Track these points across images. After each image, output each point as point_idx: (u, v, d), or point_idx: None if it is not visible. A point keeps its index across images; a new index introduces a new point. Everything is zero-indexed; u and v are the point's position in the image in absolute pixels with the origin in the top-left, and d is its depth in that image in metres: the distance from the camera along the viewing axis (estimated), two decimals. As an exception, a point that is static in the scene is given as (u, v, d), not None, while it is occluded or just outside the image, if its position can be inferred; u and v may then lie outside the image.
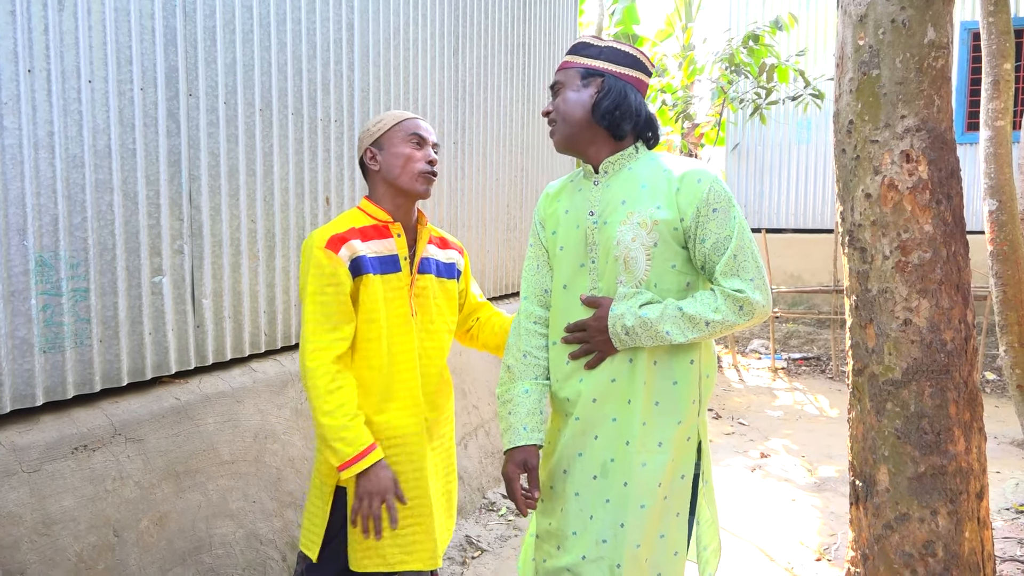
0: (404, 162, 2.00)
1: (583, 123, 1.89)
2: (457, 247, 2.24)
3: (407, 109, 3.95)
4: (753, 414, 6.25)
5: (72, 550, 2.19)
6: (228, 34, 2.83)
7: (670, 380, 1.84)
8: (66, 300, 2.31)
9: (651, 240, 1.79)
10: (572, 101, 1.89)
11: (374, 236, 2.01)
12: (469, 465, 4.00)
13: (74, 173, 2.32)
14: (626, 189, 1.85)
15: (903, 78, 2.34)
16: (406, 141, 2.02)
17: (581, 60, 1.92)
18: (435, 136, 2.08)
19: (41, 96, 2.22)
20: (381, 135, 2.04)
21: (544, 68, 5.71)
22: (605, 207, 1.87)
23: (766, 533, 3.79)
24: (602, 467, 1.85)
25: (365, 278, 1.95)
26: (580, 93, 1.88)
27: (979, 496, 2.42)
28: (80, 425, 2.32)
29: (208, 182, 2.77)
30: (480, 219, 4.84)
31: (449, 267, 2.16)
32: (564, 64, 1.95)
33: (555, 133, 1.94)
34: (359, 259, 1.95)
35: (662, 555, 1.85)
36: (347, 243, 1.94)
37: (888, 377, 2.39)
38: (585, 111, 1.88)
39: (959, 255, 2.38)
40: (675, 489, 1.86)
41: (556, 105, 1.92)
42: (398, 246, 2.02)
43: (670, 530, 1.86)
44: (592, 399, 1.86)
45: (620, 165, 1.90)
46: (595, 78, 1.89)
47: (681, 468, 1.86)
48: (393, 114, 2.07)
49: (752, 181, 9.32)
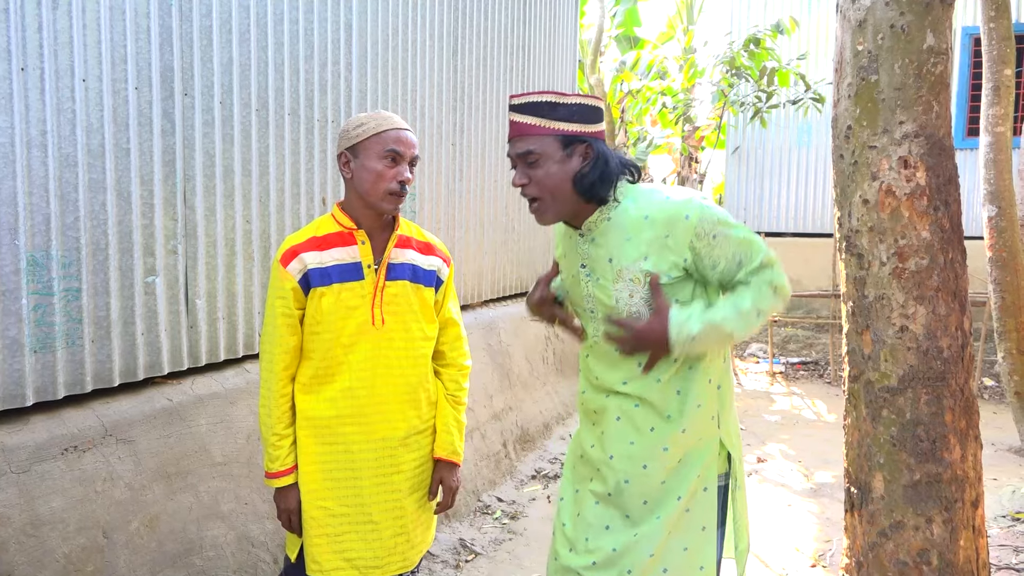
0: (375, 179, 1.93)
1: (573, 196, 1.74)
2: (443, 255, 2.16)
3: (406, 111, 3.94)
4: (750, 418, 6.24)
5: (60, 551, 2.18)
6: (224, 34, 2.82)
7: (695, 403, 1.80)
8: (58, 300, 2.30)
9: (647, 292, 1.76)
10: (558, 175, 1.71)
11: (337, 243, 1.98)
12: (464, 468, 3.98)
13: (67, 172, 2.31)
14: (610, 245, 1.78)
15: (902, 84, 2.32)
16: (381, 157, 1.93)
17: (556, 125, 1.71)
18: (416, 148, 2.00)
19: (34, 94, 2.21)
20: (358, 142, 1.95)
21: (544, 70, 5.70)
22: (595, 264, 1.82)
23: (762, 538, 3.78)
24: (616, 487, 1.83)
25: (315, 291, 1.95)
26: (565, 165, 1.72)
27: (974, 504, 2.41)
28: (70, 426, 2.31)
29: (203, 182, 2.76)
30: (478, 221, 4.82)
31: (429, 274, 2.09)
32: (532, 130, 1.71)
33: (543, 211, 1.75)
34: (309, 273, 1.95)
35: (687, 569, 1.81)
36: (298, 256, 1.95)
37: (884, 384, 2.38)
38: (571, 183, 1.73)
39: (956, 262, 2.37)
40: (698, 501, 1.82)
41: (536, 178, 1.72)
42: (362, 253, 1.98)
43: (694, 543, 1.82)
44: (616, 417, 1.84)
45: (600, 220, 1.79)
46: (577, 145, 1.72)
47: (704, 481, 1.83)
48: (375, 120, 1.96)
49: (752, 184, 9.30)
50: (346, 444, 2.00)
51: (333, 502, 2.00)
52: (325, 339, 1.97)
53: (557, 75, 5.95)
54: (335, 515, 2.00)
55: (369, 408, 1.99)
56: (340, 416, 1.99)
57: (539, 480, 4.47)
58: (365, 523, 2.01)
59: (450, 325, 2.19)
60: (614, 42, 13.36)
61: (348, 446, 2.00)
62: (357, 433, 2.00)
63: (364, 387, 1.99)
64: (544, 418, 5.29)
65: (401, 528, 2.05)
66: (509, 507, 4.03)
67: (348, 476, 2.01)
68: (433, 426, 2.15)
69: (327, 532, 2.00)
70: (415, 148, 1.99)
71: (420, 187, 4.13)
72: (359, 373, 1.98)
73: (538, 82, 5.62)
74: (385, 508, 2.03)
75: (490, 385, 4.62)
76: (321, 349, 1.97)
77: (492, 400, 4.59)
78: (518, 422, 4.85)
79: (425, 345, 2.09)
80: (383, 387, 2.00)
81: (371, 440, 2.01)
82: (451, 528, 3.67)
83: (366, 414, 1.99)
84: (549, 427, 5.32)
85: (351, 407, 1.98)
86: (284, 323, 1.96)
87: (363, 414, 1.99)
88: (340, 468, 2.00)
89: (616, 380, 1.83)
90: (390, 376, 2.01)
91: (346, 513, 2.00)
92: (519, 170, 1.75)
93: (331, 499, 2.00)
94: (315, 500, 2.00)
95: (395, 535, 2.04)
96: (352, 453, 2.00)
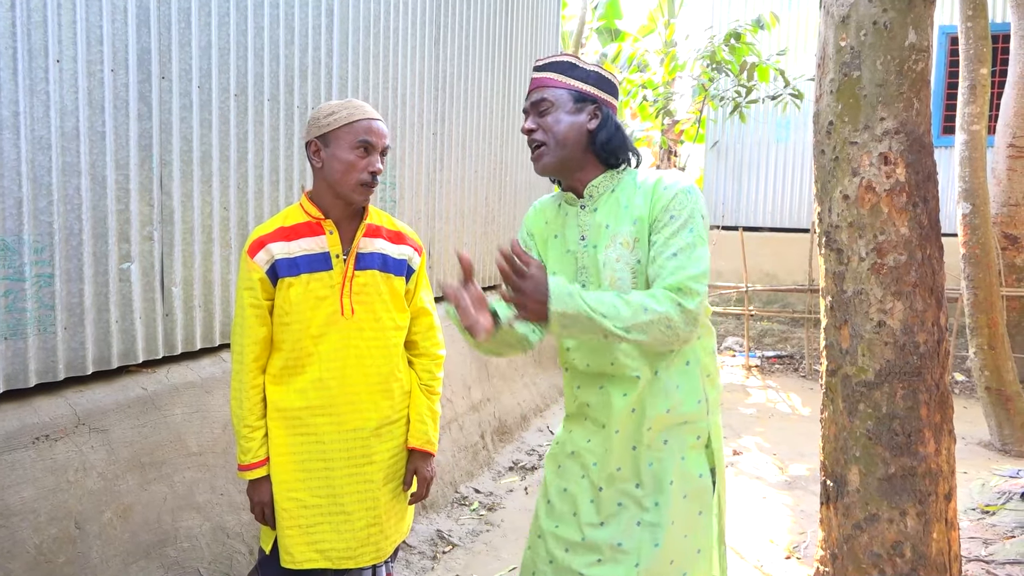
0: (346, 169, 1.92)
1: (578, 145, 1.80)
2: (414, 244, 2.14)
3: (387, 99, 3.91)
4: (726, 411, 6.29)
5: (31, 542, 2.14)
6: (203, 16, 2.77)
7: (673, 385, 1.82)
8: (29, 285, 2.25)
9: (634, 258, 1.76)
10: (567, 124, 1.78)
11: (305, 234, 1.97)
12: (441, 459, 3.97)
13: (40, 155, 2.26)
14: (610, 213, 1.82)
15: (883, 80, 2.34)
16: (353, 147, 1.92)
17: (571, 82, 1.80)
18: (387, 138, 1.99)
19: (6, 75, 2.15)
20: (329, 131, 1.94)
21: (526, 61, 5.68)
22: (594, 232, 1.83)
23: (736, 530, 3.81)
24: (608, 477, 1.83)
25: (282, 282, 1.95)
26: (576, 117, 1.79)
27: (947, 497, 2.45)
28: (42, 414, 2.26)
29: (180, 167, 2.71)
30: (458, 211, 4.80)
31: (399, 263, 2.08)
32: (549, 81, 1.81)
33: (545, 155, 1.80)
34: (277, 263, 1.95)
35: (686, 555, 1.83)
36: (265, 247, 1.95)
37: (861, 378, 2.40)
38: (581, 136, 1.79)
39: (934, 258, 2.40)
40: (693, 487, 1.84)
41: (545, 125, 1.79)
42: (330, 243, 1.98)
43: (693, 529, 1.84)
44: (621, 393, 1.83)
45: (604, 188, 1.84)
46: (588, 104, 1.80)
47: (697, 467, 1.84)
48: (347, 110, 1.95)
49: (730, 179, 9.36)
50: (318, 435, 1.99)
51: (305, 493, 1.99)
52: (294, 330, 1.96)
53: (539, 66, 5.93)
54: (307, 506, 1.99)
55: (340, 399, 1.99)
56: (311, 407, 1.98)
57: (516, 472, 4.48)
58: (338, 514, 2.00)
59: (422, 314, 2.17)
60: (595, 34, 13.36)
61: (320, 437, 1.99)
62: (328, 424, 1.99)
63: (334, 378, 1.98)
64: (522, 409, 5.29)
65: (374, 519, 2.04)
66: (487, 498, 4.03)
67: (320, 467, 2.00)
68: (407, 416, 2.14)
69: (299, 523, 1.99)
70: (386, 138, 1.99)
71: (400, 177, 4.10)
72: (329, 364, 1.97)
73: (520, 73, 5.60)
74: (358, 499, 2.02)
75: (468, 376, 4.61)
76: (291, 340, 1.97)
77: (470, 391, 4.58)
78: (496, 413, 4.84)
79: (396, 335, 2.08)
80: (353, 377, 1.99)
81: (343, 431, 2.00)
82: (428, 519, 3.66)
83: (337, 404, 1.99)
84: (527, 418, 5.32)
85: (322, 398, 1.98)
86: (253, 314, 1.96)
87: (334, 405, 1.99)
88: (312, 459, 1.99)
89: (605, 363, 1.83)
90: (361, 366, 2.00)
91: (318, 504, 2.00)
92: (530, 118, 1.82)
93: (303, 490, 1.99)
94: (287, 491, 1.99)
95: (368, 525, 2.03)
96: (324, 444, 1.99)
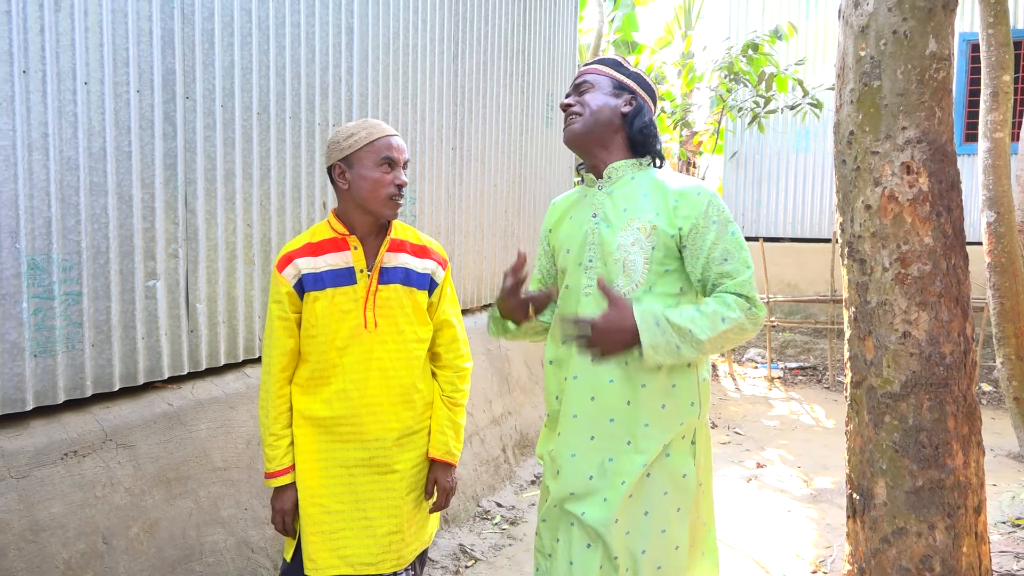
0: (373, 186, 1.98)
1: (609, 123, 1.93)
2: (439, 258, 2.18)
3: (406, 115, 3.94)
4: (749, 424, 6.23)
5: (60, 557, 2.16)
6: (226, 37, 2.81)
7: (669, 383, 1.88)
8: (58, 303, 2.29)
9: (649, 244, 1.85)
10: (603, 101, 1.93)
11: (331, 249, 2.04)
12: (463, 472, 3.97)
13: (68, 175, 2.30)
14: (628, 197, 1.91)
15: (904, 89, 2.32)
16: (377, 165, 1.98)
17: (613, 72, 1.97)
18: (407, 152, 2.06)
19: (36, 97, 2.20)
20: (351, 153, 2.00)
21: (544, 75, 5.70)
22: (608, 211, 1.92)
23: (761, 544, 3.77)
24: (599, 467, 1.88)
25: (309, 295, 2.01)
26: (612, 99, 1.94)
27: (977, 510, 2.41)
28: (70, 430, 2.29)
29: (204, 186, 2.75)
30: (478, 225, 4.82)
31: (422, 277, 2.12)
32: (593, 70, 1.98)
33: (576, 123, 1.93)
34: (304, 278, 2.01)
35: (662, 549, 1.90)
36: (292, 262, 2.01)
37: (886, 390, 2.38)
38: (614, 115, 1.93)
39: (959, 268, 2.37)
40: (676, 485, 1.90)
41: (584, 100, 1.94)
42: (354, 258, 2.03)
43: (671, 525, 1.90)
44: (591, 397, 1.90)
45: (624, 172, 1.95)
46: (625, 93, 1.96)
47: (682, 467, 1.91)
48: (366, 130, 2.01)
49: (750, 190, 9.32)
50: (342, 444, 2.04)
51: (329, 500, 2.04)
52: (320, 342, 2.01)
53: (557, 80, 5.95)
54: (331, 512, 2.03)
55: (362, 409, 2.03)
56: (335, 417, 2.03)
57: (538, 485, 4.46)
58: (360, 519, 2.05)
59: (446, 327, 2.20)
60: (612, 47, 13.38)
61: (344, 445, 2.04)
62: (351, 433, 2.04)
63: (357, 389, 2.03)
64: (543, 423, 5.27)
65: (396, 527, 2.08)
66: (509, 512, 4.02)
67: (343, 474, 2.05)
68: (429, 427, 2.17)
69: (323, 529, 2.03)
70: (406, 152, 2.05)
71: (420, 191, 4.13)
72: (352, 375, 2.02)
73: (538, 86, 5.62)
74: (380, 506, 2.06)
75: (489, 390, 4.61)
76: (316, 352, 2.02)
77: (491, 405, 4.58)
78: (517, 427, 4.84)
79: (418, 347, 2.12)
80: (375, 388, 2.04)
81: (365, 440, 2.05)
82: (451, 534, 3.66)
83: (359, 415, 2.03)
84: (548, 432, 5.30)
85: (345, 408, 2.03)
86: (281, 326, 2.02)
87: (356, 415, 2.03)
88: (336, 466, 2.05)
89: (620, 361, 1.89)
90: (383, 378, 2.05)
91: (341, 511, 2.04)
92: (571, 96, 1.97)
93: (327, 496, 2.04)
94: (312, 498, 2.03)
95: (390, 533, 2.07)
96: (348, 452, 2.05)
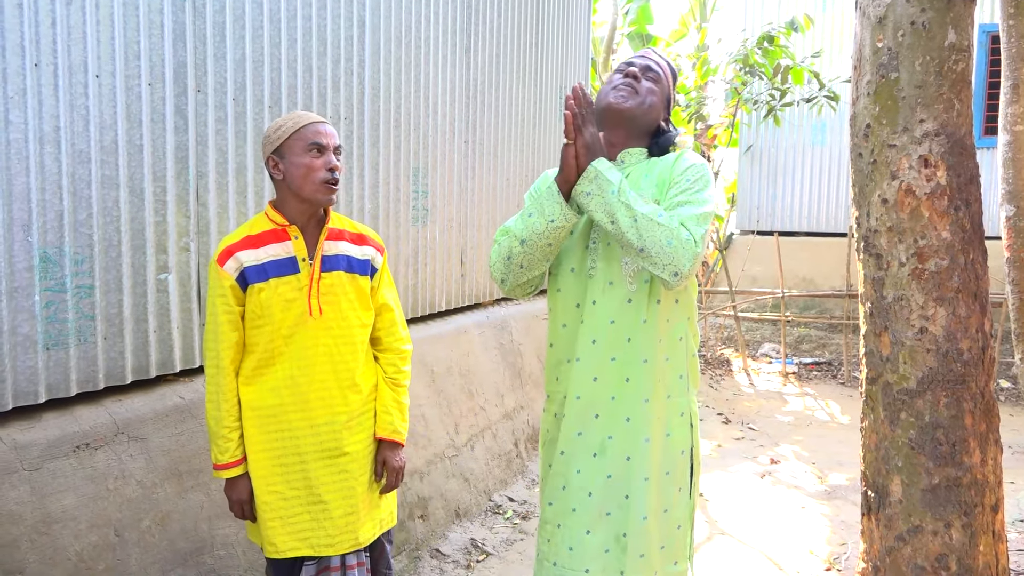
0: (305, 172, 2.01)
1: (647, 124, 2.00)
2: (376, 245, 2.25)
3: (419, 108, 3.93)
4: (763, 419, 6.20)
5: (72, 549, 2.18)
6: (238, 30, 2.81)
7: (663, 356, 1.92)
8: (70, 297, 2.29)
9: None
10: (656, 105, 2.00)
11: (271, 240, 2.06)
12: (475, 467, 3.97)
13: (80, 169, 2.30)
14: (634, 181, 1.96)
15: (922, 81, 2.28)
16: (306, 151, 2.02)
17: (671, 85, 2.06)
18: (337, 139, 2.08)
19: (48, 91, 2.20)
20: (281, 144, 2.03)
21: (557, 68, 5.67)
22: None
23: (775, 541, 3.74)
24: (600, 445, 1.92)
25: (253, 287, 2.04)
26: (661, 109, 2.02)
27: (994, 509, 2.37)
28: (83, 423, 2.30)
29: (215, 179, 2.75)
30: (490, 219, 4.81)
31: (363, 263, 2.18)
32: (664, 68, 2.04)
33: (628, 101, 1.97)
34: (246, 270, 2.03)
35: (666, 528, 1.95)
36: (234, 256, 2.03)
37: (903, 386, 2.34)
38: (653, 122, 2.01)
39: (977, 263, 2.33)
40: (676, 464, 1.95)
41: (645, 88, 1.99)
42: (296, 248, 2.07)
43: (673, 504, 1.95)
44: (593, 378, 1.93)
45: (637, 158, 2.01)
46: (667, 111, 2.06)
47: (680, 444, 1.96)
48: (293, 120, 2.05)
49: (765, 183, 9.24)
50: (291, 430, 2.08)
51: (284, 486, 2.09)
52: (266, 331, 2.06)
53: (570, 73, 5.92)
54: (287, 498, 2.08)
55: (310, 394, 2.08)
56: (283, 404, 2.07)
57: (550, 480, 4.45)
58: (315, 503, 2.09)
59: (385, 311, 2.27)
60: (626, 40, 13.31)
61: (293, 432, 2.08)
62: (300, 419, 2.08)
63: (304, 375, 2.07)
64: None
65: (351, 508, 2.13)
66: (520, 507, 4.02)
67: (295, 460, 2.09)
68: (368, 412, 2.22)
69: (280, 515, 2.08)
70: (335, 138, 2.08)
71: (432, 185, 4.12)
72: (299, 362, 2.07)
73: (551, 80, 5.59)
74: (334, 489, 2.11)
75: (501, 384, 4.60)
76: (263, 341, 2.06)
77: (503, 399, 4.57)
78: (529, 421, 4.83)
79: (362, 332, 2.18)
80: (322, 374, 2.09)
81: (314, 425, 2.09)
82: (463, 528, 3.66)
83: (307, 400, 2.08)
84: (560, 426, 5.29)
85: (293, 395, 2.07)
86: (226, 320, 2.05)
87: (304, 400, 2.08)
88: (287, 453, 2.09)
89: None
90: (330, 363, 2.10)
91: (297, 495, 2.09)
92: (636, 68, 1.99)
93: (281, 483, 2.09)
94: (266, 486, 2.08)
95: (346, 514, 2.12)
96: (297, 439, 2.08)
